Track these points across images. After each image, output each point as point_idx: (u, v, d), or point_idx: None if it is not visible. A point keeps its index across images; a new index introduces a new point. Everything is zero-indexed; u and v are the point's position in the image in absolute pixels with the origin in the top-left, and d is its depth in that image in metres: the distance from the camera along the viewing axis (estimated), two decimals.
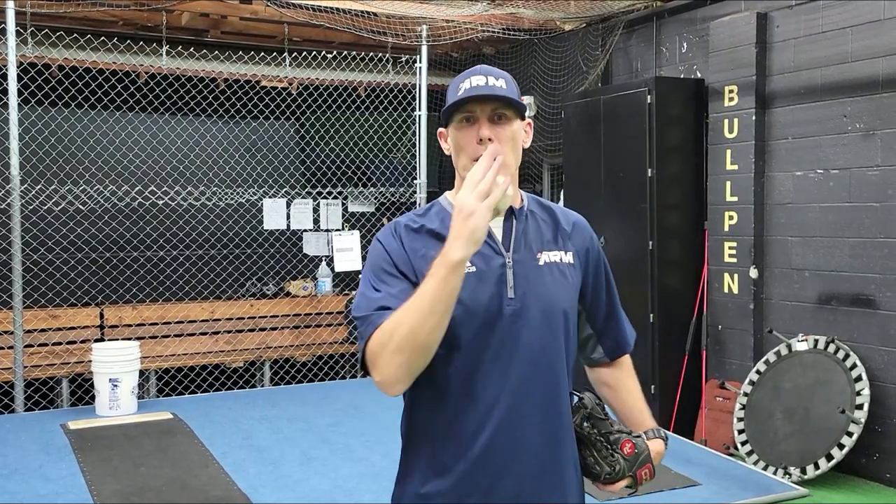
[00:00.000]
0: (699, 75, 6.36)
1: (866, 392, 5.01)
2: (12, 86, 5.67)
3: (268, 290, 8.26)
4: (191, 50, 7.01)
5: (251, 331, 7.78)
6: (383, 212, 8.57)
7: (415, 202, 7.33)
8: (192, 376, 7.14)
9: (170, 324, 7.46)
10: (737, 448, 5.48)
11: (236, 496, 4.24)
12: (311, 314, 7.94)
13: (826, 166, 5.45)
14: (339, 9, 6.65)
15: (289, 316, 7.93)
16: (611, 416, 1.97)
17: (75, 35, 6.46)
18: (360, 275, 1.86)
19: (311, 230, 8.21)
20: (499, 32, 7.26)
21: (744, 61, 5.83)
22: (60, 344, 6.99)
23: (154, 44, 7.29)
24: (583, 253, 1.94)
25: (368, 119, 8.28)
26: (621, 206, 6.30)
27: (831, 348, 5.26)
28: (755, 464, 5.23)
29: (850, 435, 4.96)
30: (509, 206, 1.86)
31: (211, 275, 7.74)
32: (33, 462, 4.64)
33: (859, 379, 5.06)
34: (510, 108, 1.81)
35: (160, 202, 7.08)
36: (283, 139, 8.37)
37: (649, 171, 6.05)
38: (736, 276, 5.95)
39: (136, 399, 5.78)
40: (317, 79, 7.68)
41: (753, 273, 5.83)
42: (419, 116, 7.15)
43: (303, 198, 8.02)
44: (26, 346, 6.27)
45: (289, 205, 8.03)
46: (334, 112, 7.93)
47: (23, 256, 5.89)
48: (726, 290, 6.01)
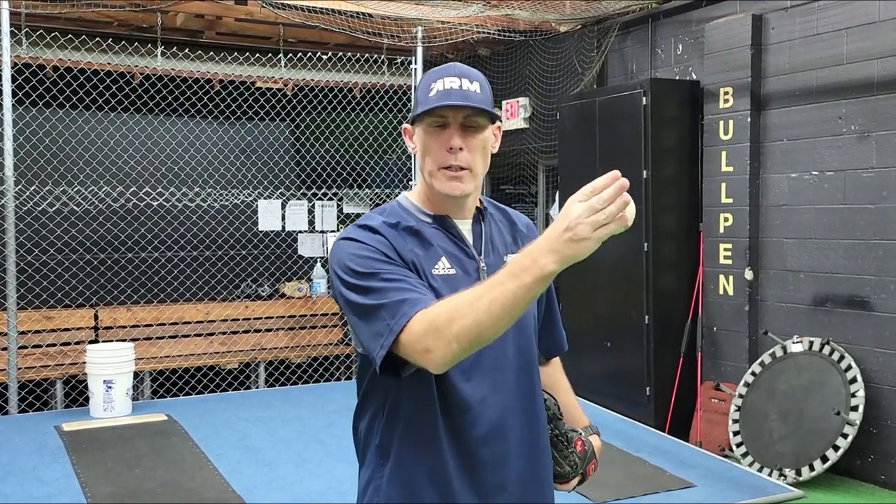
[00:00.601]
0: (694, 77, 6.36)
1: (861, 394, 5.01)
2: (7, 87, 5.67)
3: (263, 291, 8.25)
4: (186, 51, 7.00)
5: (246, 332, 7.77)
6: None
7: None
8: (186, 378, 7.12)
9: (164, 325, 7.44)
10: (732, 450, 5.48)
11: (231, 498, 4.23)
12: (305, 315, 7.93)
13: (821, 168, 5.46)
14: (334, 10, 6.65)
15: (283, 317, 7.92)
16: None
17: (70, 36, 6.45)
18: (339, 276, 1.72)
19: (306, 231, 8.20)
20: (494, 34, 7.26)
21: (739, 63, 5.83)
22: (55, 345, 6.97)
23: (149, 45, 7.27)
24: None
25: (363, 120, 8.28)
26: None
27: (826, 350, 5.27)
28: (750, 465, 5.23)
29: (844, 436, 4.97)
30: (475, 208, 1.86)
31: (206, 276, 7.72)
32: (27, 464, 4.63)
33: (854, 381, 5.07)
34: (483, 114, 1.76)
35: (155, 203, 7.07)
36: (279, 140, 8.36)
37: (644, 172, 6.05)
38: (731, 277, 5.96)
39: (131, 400, 5.78)
40: (312, 80, 7.67)
41: (748, 275, 5.83)
42: None
43: (298, 199, 8.01)
44: (20, 348, 6.25)
45: (284, 206, 8.02)
46: (329, 113, 7.92)
47: (17, 257, 5.88)
48: (721, 292, 6.02)
